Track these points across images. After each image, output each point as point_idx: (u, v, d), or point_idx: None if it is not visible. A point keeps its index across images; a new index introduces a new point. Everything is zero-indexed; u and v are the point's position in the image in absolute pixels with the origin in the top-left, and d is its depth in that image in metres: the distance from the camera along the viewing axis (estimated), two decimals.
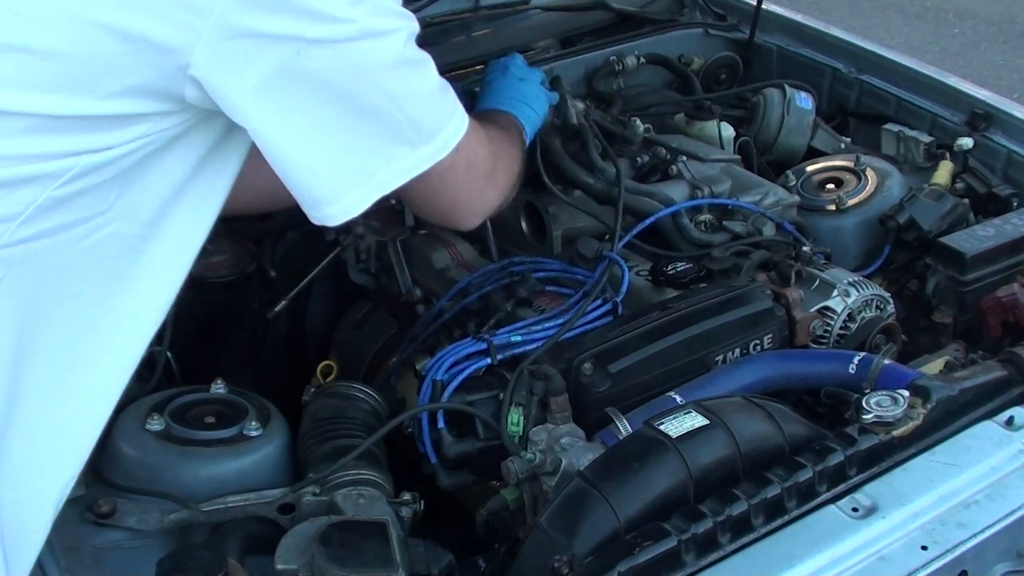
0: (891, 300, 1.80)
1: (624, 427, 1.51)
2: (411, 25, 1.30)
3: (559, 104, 1.95)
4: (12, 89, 1.16)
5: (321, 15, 1.19)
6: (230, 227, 2.01)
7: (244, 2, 1.16)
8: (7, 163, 1.17)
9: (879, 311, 1.77)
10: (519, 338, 1.65)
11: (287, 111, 1.23)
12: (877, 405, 1.44)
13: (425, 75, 1.34)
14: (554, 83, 2.01)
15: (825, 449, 1.39)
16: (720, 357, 1.66)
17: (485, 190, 1.53)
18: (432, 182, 1.39)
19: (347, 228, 2.03)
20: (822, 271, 1.79)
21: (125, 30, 1.16)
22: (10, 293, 1.20)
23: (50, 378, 1.27)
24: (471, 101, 1.82)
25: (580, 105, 1.99)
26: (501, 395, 1.57)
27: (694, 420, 1.39)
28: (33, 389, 1.26)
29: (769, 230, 1.89)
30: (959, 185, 2.10)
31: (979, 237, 1.88)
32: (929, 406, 1.46)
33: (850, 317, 1.74)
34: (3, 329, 1.21)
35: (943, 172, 2.10)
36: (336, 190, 1.29)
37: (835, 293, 1.75)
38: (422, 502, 1.50)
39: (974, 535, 1.33)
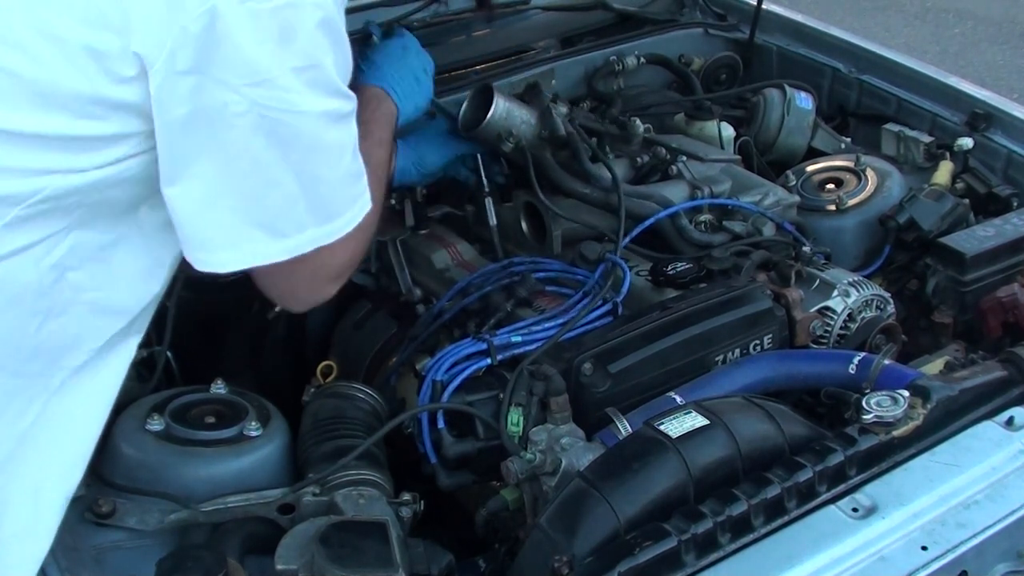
0: (891, 300, 1.80)
1: (624, 427, 1.51)
2: (348, 106, 1.30)
3: (544, 115, 1.94)
4: None
5: (259, 73, 1.19)
6: None
7: (192, 41, 1.16)
8: None
9: (879, 311, 1.77)
10: (519, 338, 1.65)
11: (197, 151, 1.22)
12: (877, 405, 1.44)
13: (343, 160, 1.32)
14: (533, 92, 2.00)
15: (825, 449, 1.39)
16: (720, 357, 1.66)
17: (327, 288, 1.48)
18: (282, 269, 1.36)
19: None
20: (822, 271, 1.79)
21: (95, 48, 1.16)
22: None
23: (28, 394, 1.27)
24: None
25: (563, 110, 1.98)
26: (501, 395, 1.57)
27: (694, 420, 1.39)
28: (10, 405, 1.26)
29: (769, 230, 1.89)
30: (959, 185, 2.10)
31: (979, 237, 1.89)
32: (929, 406, 1.46)
33: (850, 317, 1.74)
34: None
35: (943, 172, 2.11)
36: (216, 243, 1.29)
37: (835, 293, 1.75)
38: (422, 502, 1.50)
39: (974, 535, 1.33)
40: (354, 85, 1.35)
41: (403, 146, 1.85)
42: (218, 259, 1.29)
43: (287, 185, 1.27)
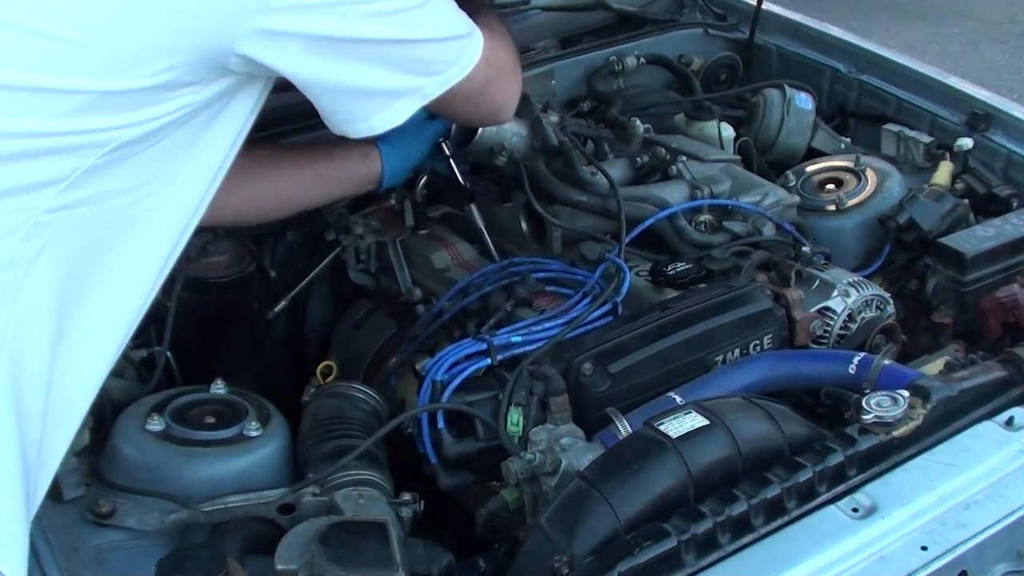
0: (891, 300, 1.80)
1: (624, 427, 1.51)
2: None
3: (535, 125, 1.94)
4: (58, 72, 1.19)
5: None
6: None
7: None
8: (54, 136, 1.19)
9: (879, 311, 1.77)
10: (519, 338, 1.65)
11: (334, 63, 1.32)
12: (877, 405, 1.44)
13: (448, 3, 1.44)
14: (522, 103, 1.99)
15: (825, 449, 1.39)
16: (720, 357, 1.66)
17: (514, 83, 1.66)
18: (473, 98, 1.54)
19: (347, 228, 2.03)
20: (822, 271, 1.79)
21: (172, 9, 1.20)
22: (54, 262, 1.22)
23: (89, 341, 1.29)
24: None
25: (554, 119, 1.98)
26: (501, 395, 1.57)
27: (694, 420, 1.39)
28: (72, 358, 1.27)
29: (769, 230, 1.89)
30: (959, 185, 2.10)
31: (979, 237, 1.88)
32: (929, 406, 1.46)
33: (850, 317, 1.74)
34: (46, 296, 1.22)
35: (943, 172, 2.10)
36: (382, 103, 1.40)
37: (835, 293, 1.75)
38: (422, 502, 1.50)
39: (974, 535, 1.33)
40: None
41: (387, 148, 1.86)
42: (388, 116, 1.40)
43: (422, 37, 1.39)
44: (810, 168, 2.15)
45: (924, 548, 1.31)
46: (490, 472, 1.56)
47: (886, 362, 1.58)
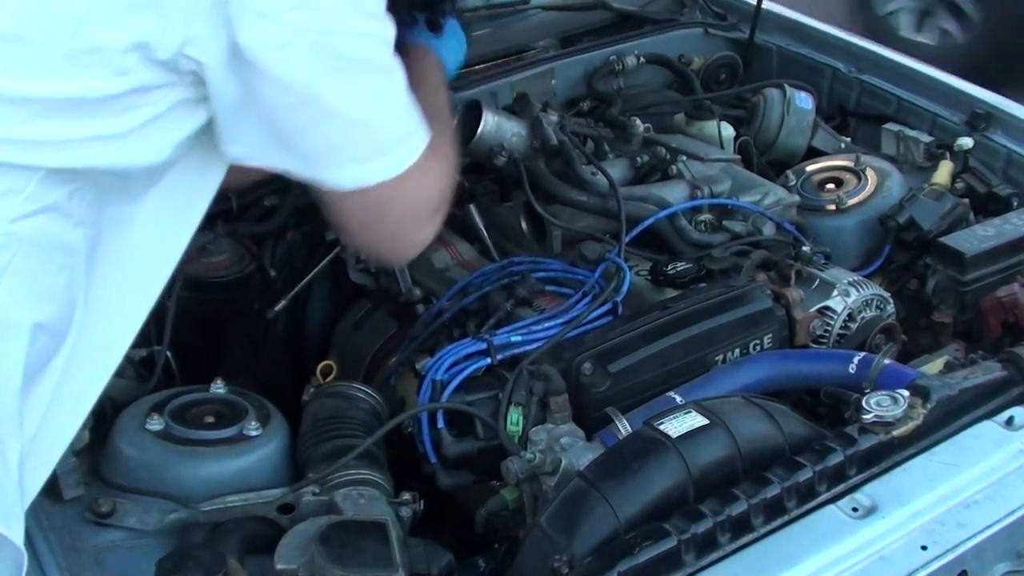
0: (891, 300, 1.80)
1: (624, 427, 1.51)
2: (389, 32, 1.27)
3: (534, 125, 1.94)
4: (19, 76, 1.17)
5: (312, 4, 1.18)
6: (230, 227, 2.01)
7: None
8: (18, 143, 1.18)
9: (879, 311, 1.77)
10: (519, 338, 1.65)
11: (252, 88, 1.21)
12: (877, 405, 1.44)
13: (397, 85, 1.31)
14: (522, 102, 2.00)
15: (825, 449, 1.39)
16: (720, 357, 1.66)
17: (427, 225, 1.45)
18: (373, 208, 1.35)
19: None
20: (822, 271, 1.79)
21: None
22: (20, 271, 1.20)
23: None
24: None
25: (553, 118, 1.98)
26: (501, 395, 1.57)
27: (694, 420, 1.39)
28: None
29: (769, 230, 1.90)
30: (959, 185, 2.10)
31: (979, 237, 1.89)
32: (929, 406, 1.46)
33: (850, 317, 1.74)
34: (19, 302, 1.21)
35: (943, 172, 2.11)
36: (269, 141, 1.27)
37: (835, 293, 1.75)
38: (422, 502, 1.50)
39: (974, 535, 1.33)
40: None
41: None
42: (244, 152, 1.29)
43: (339, 115, 1.24)
44: (810, 168, 2.15)
45: (924, 548, 1.31)
46: (490, 472, 1.56)
47: (886, 362, 1.58)
